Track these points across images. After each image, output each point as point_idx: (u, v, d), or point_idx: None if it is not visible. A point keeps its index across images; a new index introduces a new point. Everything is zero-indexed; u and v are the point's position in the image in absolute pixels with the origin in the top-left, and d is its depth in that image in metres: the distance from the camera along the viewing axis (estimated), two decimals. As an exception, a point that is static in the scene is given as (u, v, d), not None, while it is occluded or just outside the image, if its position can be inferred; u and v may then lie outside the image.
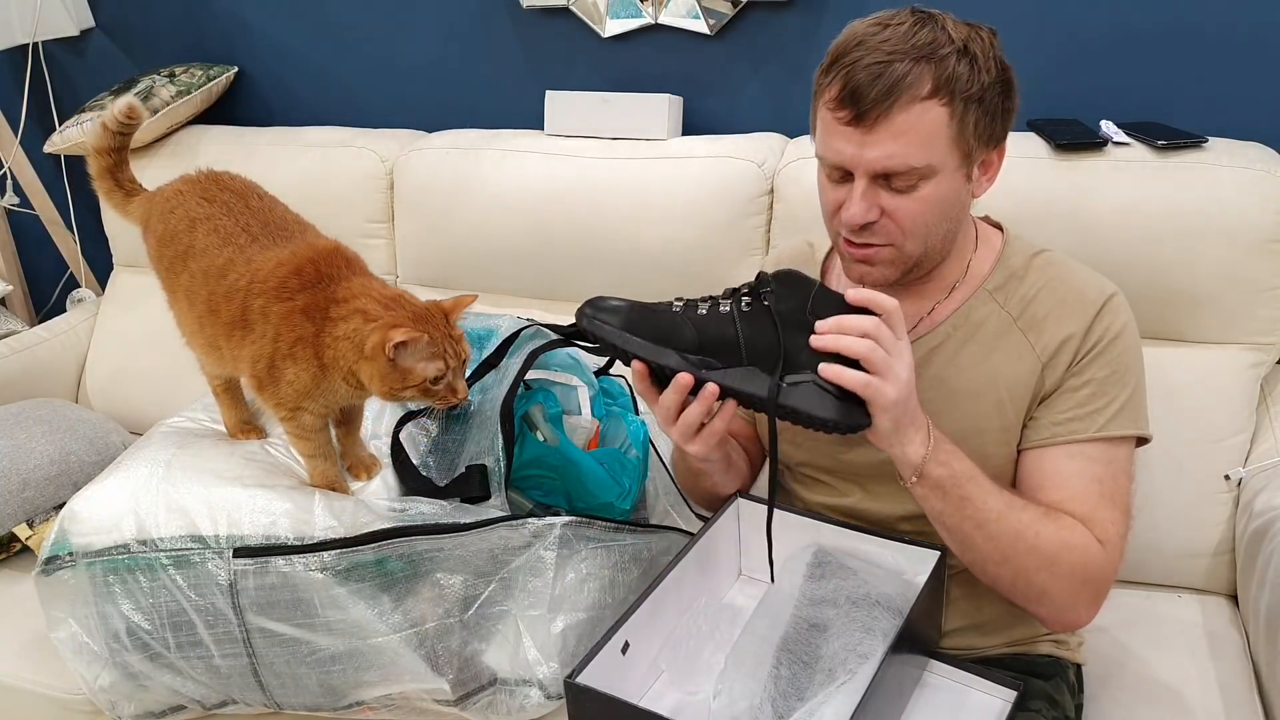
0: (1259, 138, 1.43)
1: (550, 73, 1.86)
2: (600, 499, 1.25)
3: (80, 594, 1.15)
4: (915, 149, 0.94)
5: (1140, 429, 1.04)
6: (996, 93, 0.97)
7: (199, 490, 1.15)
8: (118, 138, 1.30)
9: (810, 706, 0.90)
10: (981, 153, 1.00)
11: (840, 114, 0.95)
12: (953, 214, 1.01)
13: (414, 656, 1.11)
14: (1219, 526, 1.36)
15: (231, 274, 1.14)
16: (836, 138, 0.97)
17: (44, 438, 1.56)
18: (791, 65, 1.69)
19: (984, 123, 0.97)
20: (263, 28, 2.03)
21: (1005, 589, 1.01)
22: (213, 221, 1.18)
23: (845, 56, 0.95)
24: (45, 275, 2.38)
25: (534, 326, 1.35)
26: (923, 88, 0.93)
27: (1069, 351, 1.03)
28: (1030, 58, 1.55)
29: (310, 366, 1.10)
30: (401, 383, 1.07)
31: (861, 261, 1.03)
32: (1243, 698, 1.18)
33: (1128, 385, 1.03)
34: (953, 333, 1.07)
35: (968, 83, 0.94)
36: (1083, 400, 1.02)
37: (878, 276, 1.03)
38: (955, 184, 0.99)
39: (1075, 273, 1.08)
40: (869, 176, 0.97)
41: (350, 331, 1.07)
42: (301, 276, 1.10)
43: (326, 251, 1.13)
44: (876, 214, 0.98)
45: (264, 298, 1.10)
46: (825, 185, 1.03)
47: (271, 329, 1.10)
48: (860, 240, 1.01)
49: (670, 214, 1.61)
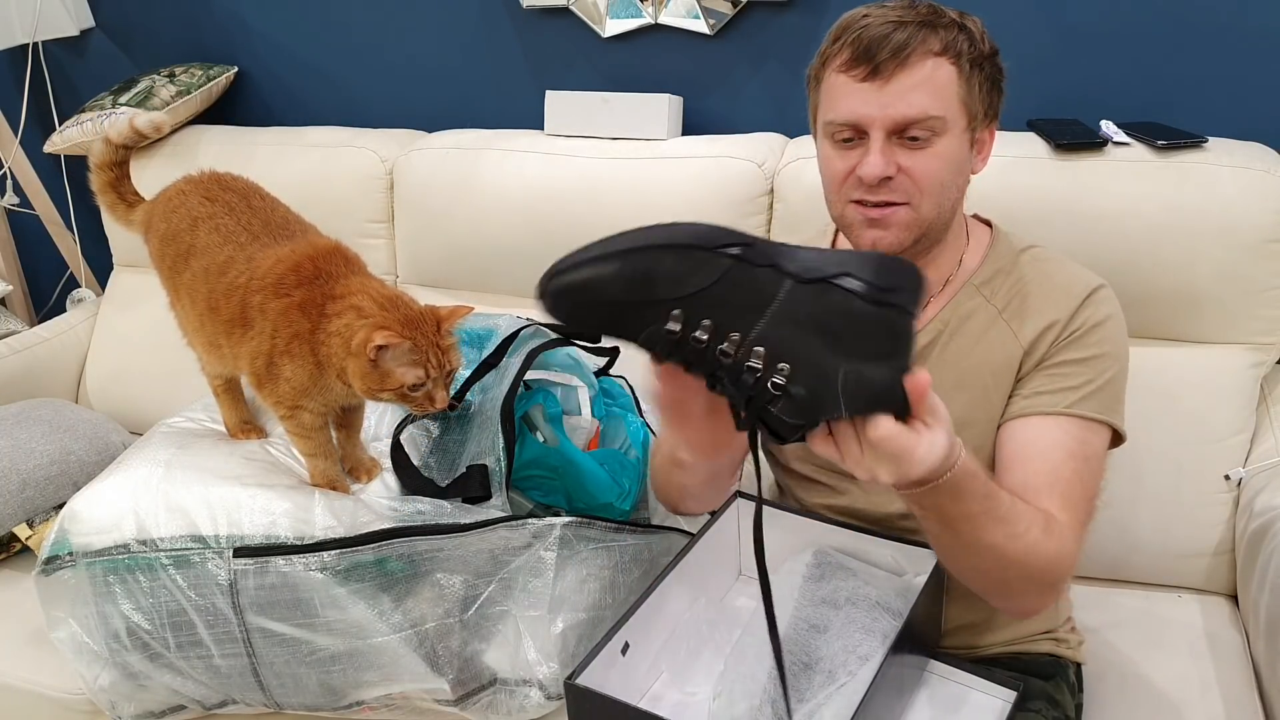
0: (1259, 138, 1.43)
1: (550, 73, 1.86)
2: (600, 500, 1.25)
3: (80, 594, 1.15)
4: (930, 98, 0.96)
5: (1113, 418, 1.03)
6: (994, 66, 1.01)
7: (199, 490, 1.15)
8: (121, 151, 1.30)
9: (810, 708, 0.90)
10: (981, 125, 1.02)
11: (855, 72, 0.97)
12: (960, 179, 1.03)
13: (414, 656, 1.11)
14: (1219, 526, 1.36)
15: (232, 271, 1.14)
16: (850, 97, 0.98)
17: (44, 438, 1.56)
18: (791, 65, 1.69)
19: (985, 89, 1.01)
20: (263, 28, 2.03)
21: (969, 583, 0.98)
22: (214, 220, 1.18)
23: (852, 26, 0.98)
24: (45, 275, 2.38)
25: (533, 326, 1.35)
26: (933, 45, 0.96)
27: (1050, 336, 1.04)
28: (1030, 57, 1.56)
29: (307, 363, 1.10)
30: (380, 384, 1.07)
31: (875, 224, 1.02)
32: (1243, 698, 1.18)
33: (1105, 372, 1.03)
34: (942, 329, 1.08)
35: (971, 48, 0.98)
36: (1056, 378, 1.03)
37: (891, 240, 1.02)
38: (963, 146, 1.01)
39: (1063, 267, 1.08)
40: (885, 131, 0.97)
41: (342, 327, 1.07)
42: (299, 273, 1.10)
43: (326, 250, 1.13)
44: (894, 169, 0.98)
45: (262, 294, 1.11)
46: (831, 155, 1.03)
47: (269, 325, 1.10)
48: (877, 199, 1.00)
49: (670, 214, 1.56)
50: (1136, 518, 1.37)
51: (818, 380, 0.73)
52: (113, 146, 1.29)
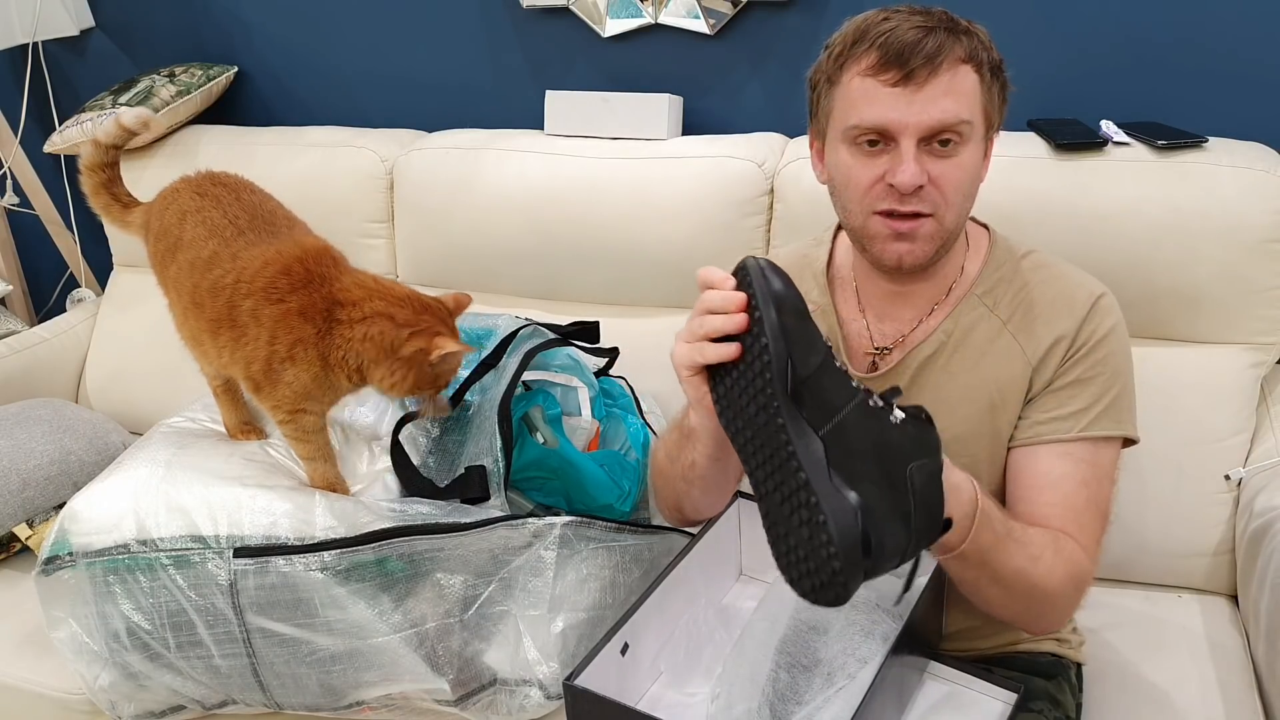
0: (1259, 138, 1.43)
1: (550, 73, 1.86)
2: (600, 501, 1.25)
3: (80, 594, 1.15)
4: (961, 104, 0.95)
5: (1125, 430, 1.03)
6: (1003, 75, 1.01)
7: (199, 490, 1.15)
8: (111, 152, 1.29)
9: (808, 710, 0.90)
10: (993, 132, 1.02)
11: (885, 76, 0.95)
12: (976, 189, 1.02)
13: (414, 656, 1.11)
14: (1219, 527, 1.36)
15: (216, 269, 1.14)
16: (878, 102, 0.95)
17: (44, 438, 1.56)
18: (791, 65, 1.68)
19: (999, 97, 1.00)
20: (263, 28, 2.03)
21: (998, 614, 1.01)
22: (202, 214, 1.18)
23: (875, 29, 0.96)
24: (45, 275, 2.38)
25: (532, 326, 1.35)
26: (960, 52, 0.95)
27: (1059, 353, 1.03)
28: (1030, 58, 1.56)
29: (312, 367, 1.10)
30: (431, 384, 1.13)
31: (903, 237, 0.99)
32: (1243, 698, 1.18)
33: (1113, 386, 1.02)
34: (945, 340, 1.07)
35: (988, 57, 0.98)
36: (1065, 399, 1.02)
37: (919, 254, 1.00)
38: (981, 154, 1.00)
39: (1064, 274, 1.07)
40: (917, 138, 0.95)
41: (375, 334, 1.08)
42: (291, 277, 1.10)
43: (315, 251, 1.13)
44: (925, 178, 0.96)
45: (253, 299, 1.10)
46: (854, 162, 0.99)
47: (266, 332, 1.10)
48: (908, 209, 0.98)
49: (670, 214, 1.60)
50: (1136, 518, 1.37)
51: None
52: (102, 148, 1.28)
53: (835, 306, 1.13)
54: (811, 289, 1.14)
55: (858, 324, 1.12)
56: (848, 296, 1.13)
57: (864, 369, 1.10)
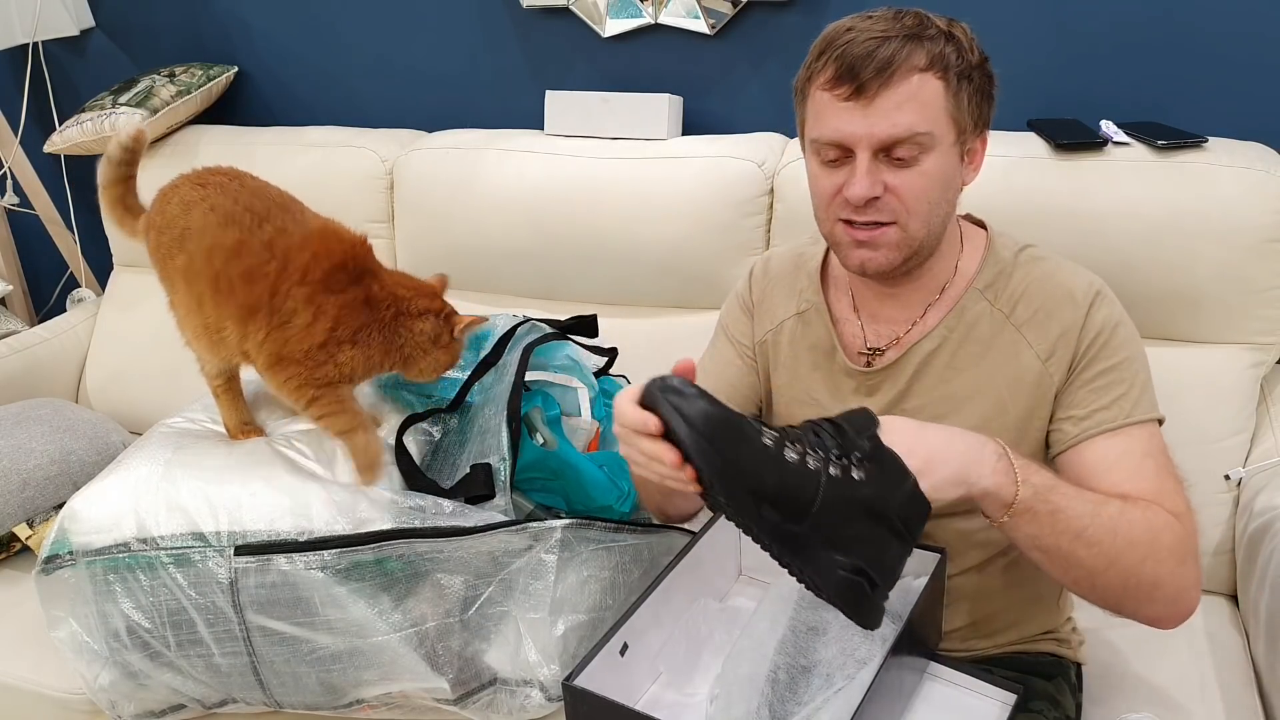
0: (1259, 138, 1.43)
1: (550, 73, 1.86)
2: (599, 502, 1.25)
3: (80, 593, 1.15)
4: (917, 115, 0.95)
5: (1159, 412, 1.03)
6: (983, 75, 0.99)
7: (199, 488, 1.15)
8: (122, 168, 1.31)
9: (808, 711, 0.90)
10: (972, 136, 1.01)
11: (839, 90, 0.95)
12: (949, 195, 1.01)
13: (414, 656, 1.11)
14: (1219, 526, 1.36)
15: (249, 257, 1.16)
16: (835, 116, 0.97)
17: (44, 437, 1.56)
18: (791, 65, 1.66)
19: (975, 100, 0.99)
20: (263, 28, 2.03)
21: (1116, 597, 0.95)
22: (208, 202, 1.20)
23: (836, 41, 0.96)
24: (45, 275, 2.38)
25: (529, 323, 1.35)
26: (918, 60, 0.94)
27: (1068, 347, 1.03)
28: (1030, 58, 1.56)
29: (374, 350, 1.20)
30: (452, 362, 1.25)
31: (864, 245, 1.01)
32: (1243, 698, 1.18)
33: (1139, 372, 1.03)
34: (948, 335, 1.07)
35: (958, 60, 0.96)
36: (1101, 390, 1.01)
37: (881, 261, 1.01)
38: (952, 161, 0.99)
39: (1060, 268, 1.08)
40: (871, 150, 0.96)
41: (428, 328, 1.21)
42: (347, 270, 1.18)
43: (361, 244, 1.22)
44: (880, 189, 0.97)
45: (309, 287, 1.16)
46: (819, 173, 1.02)
47: (328, 319, 1.16)
48: (864, 219, 0.99)
49: (670, 214, 1.60)
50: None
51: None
52: (113, 165, 1.30)
53: (829, 305, 1.13)
54: (805, 287, 1.16)
55: (852, 324, 1.12)
56: (842, 296, 1.14)
57: (859, 367, 1.10)
